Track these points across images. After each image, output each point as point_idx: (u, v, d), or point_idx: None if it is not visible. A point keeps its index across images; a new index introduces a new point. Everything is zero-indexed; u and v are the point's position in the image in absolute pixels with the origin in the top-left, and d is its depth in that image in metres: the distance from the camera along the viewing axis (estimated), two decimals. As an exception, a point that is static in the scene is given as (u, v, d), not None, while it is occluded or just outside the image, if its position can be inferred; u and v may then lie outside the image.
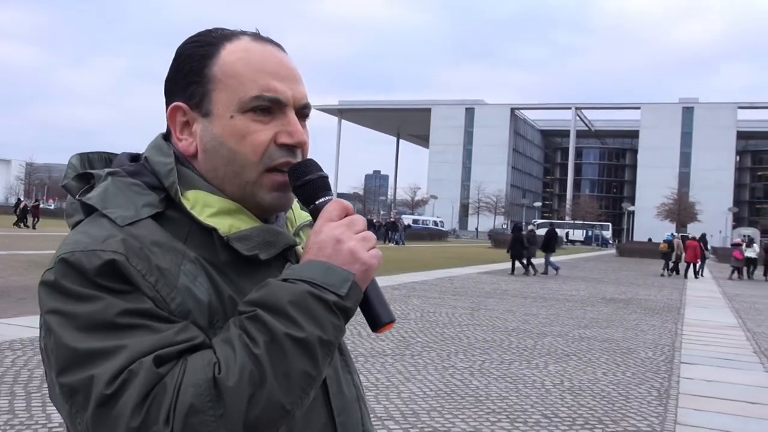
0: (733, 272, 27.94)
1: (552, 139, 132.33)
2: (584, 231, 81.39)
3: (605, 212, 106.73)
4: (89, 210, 0.98)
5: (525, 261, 22.50)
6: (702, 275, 27.80)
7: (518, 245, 22.35)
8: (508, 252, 22.95)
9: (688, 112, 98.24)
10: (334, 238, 0.95)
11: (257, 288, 0.92)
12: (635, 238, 78.62)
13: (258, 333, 0.86)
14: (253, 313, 0.88)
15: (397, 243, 44.25)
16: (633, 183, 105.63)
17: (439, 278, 19.24)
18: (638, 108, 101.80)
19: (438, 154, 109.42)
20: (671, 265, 27.20)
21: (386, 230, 46.47)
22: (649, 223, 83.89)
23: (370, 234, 0.98)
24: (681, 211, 76.77)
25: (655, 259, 42.52)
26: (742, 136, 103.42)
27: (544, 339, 9.61)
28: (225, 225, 0.99)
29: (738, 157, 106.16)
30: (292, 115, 1.04)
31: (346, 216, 0.98)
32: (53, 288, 0.89)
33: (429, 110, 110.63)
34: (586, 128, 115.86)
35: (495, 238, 53.11)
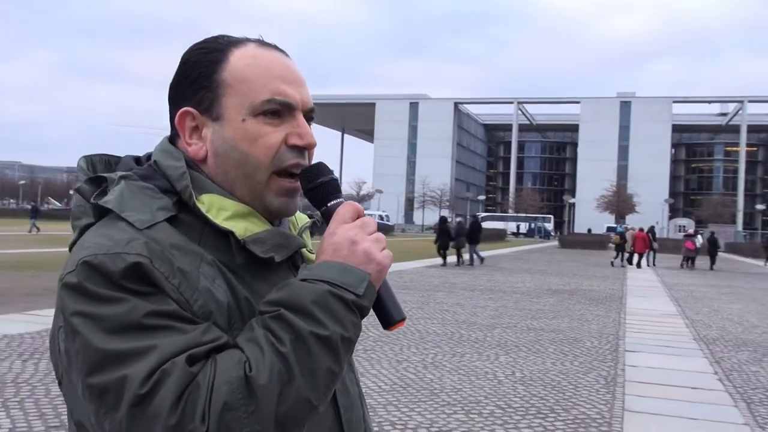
0: (686, 261, 29.26)
1: (495, 133, 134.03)
2: (527, 223, 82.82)
3: (547, 205, 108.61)
4: (101, 213, 0.98)
5: (456, 253, 23.07)
6: (654, 264, 29.35)
7: (445, 237, 22.92)
8: (435, 243, 23.43)
9: (625, 106, 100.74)
10: (350, 239, 0.97)
11: (277, 288, 0.94)
12: (576, 230, 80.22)
13: (283, 332, 0.88)
14: (276, 313, 0.90)
15: None
16: (573, 176, 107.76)
17: (389, 273, 19.31)
18: (578, 102, 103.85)
19: (383, 148, 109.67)
20: (626, 255, 28.37)
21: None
22: (589, 215, 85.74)
23: (381, 235, 1.01)
24: (620, 202, 78.61)
25: (595, 250, 43.66)
26: (677, 129, 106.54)
27: (493, 331, 9.77)
28: (240, 228, 1.00)
29: (673, 150, 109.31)
30: (301, 118, 1.06)
31: (358, 218, 1.01)
32: (77, 290, 0.89)
33: (373, 105, 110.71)
34: (528, 122, 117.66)
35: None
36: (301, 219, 1.18)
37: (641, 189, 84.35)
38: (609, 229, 69.42)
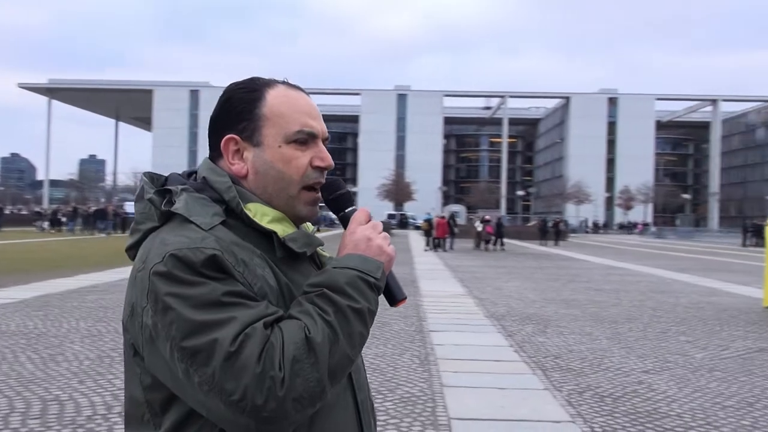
0: (487, 243, 32.86)
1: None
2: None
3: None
4: (167, 218, 1.25)
5: None
6: (452, 248, 32.01)
7: None
8: None
9: (402, 98, 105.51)
10: (366, 237, 1.28)
11: (316, 274, 1.24)
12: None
13: (327, 306, 1.17)
14: (321, 292, 1.19)
15: (103, 231, 40.98)
16: (355, 165, 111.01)
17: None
18: (358, 94, 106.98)
19: (162, 137, 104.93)
20: (437, 241, 31.59)
21: (93, 219, 42.66)
22: (371, 203, 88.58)
23: (386, 234, 1.31)
24: (398, 191, 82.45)
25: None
26: (448, 121, 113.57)
27: (303, 320, 9.91)
28: (279, 229, 1.28)
29: (445, 141, 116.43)
30: (322, 145, 1.35)
31: (369, 220, 1.32)
32: (167, 277, 1.13)
33: (151, 92, 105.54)
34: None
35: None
36: (308, 225, 1.44)
37: (418, 177, 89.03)
38: (390, 216, 72.54)
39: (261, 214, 1.28)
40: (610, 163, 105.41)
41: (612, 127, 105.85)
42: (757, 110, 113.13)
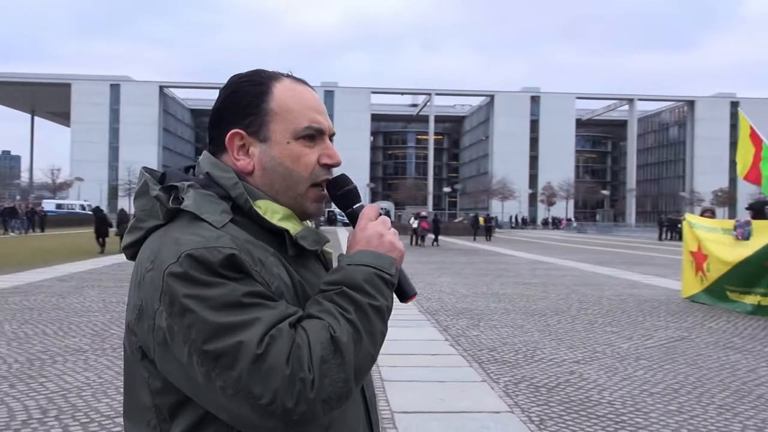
0: (422, 239, 33.43)
1: (203, 119, 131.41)
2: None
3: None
4: (172, 215, 1.19)
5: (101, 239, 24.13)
6: None
7: (103, 225, 24.29)
8: (95, 232, 24.53)
9: (329, 95, 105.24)
10: (378, 233, 1.26)
11: (332, 272, 1.21)
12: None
13: (348, 304, 1.15)
14: (340, 290, 1.16)
15: (16, 230, 39.14)
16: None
17: (108, 265, 18.26)
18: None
19: (81, 133, 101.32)
20: None
21: (2, 217, 39.84)
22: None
23: (395, 230, 1.30)
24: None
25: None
26: (375, 118, 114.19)
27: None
28: (291, 227, 1.25)
29: (372, 138, 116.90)
30: (329, 141, 1.32)
31: (378, 216, 1.30)
32: (184, 278, 1.08)
33: (69, 86, 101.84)
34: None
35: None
36: (307, 221, 1.40)
37: (346, 174, 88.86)
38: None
39: (271, 212, 1.24)
40: (533, 160, 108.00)
41: (535, 124, 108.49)
42: (670, 110, 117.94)
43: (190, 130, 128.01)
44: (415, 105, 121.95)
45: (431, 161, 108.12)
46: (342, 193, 1.33)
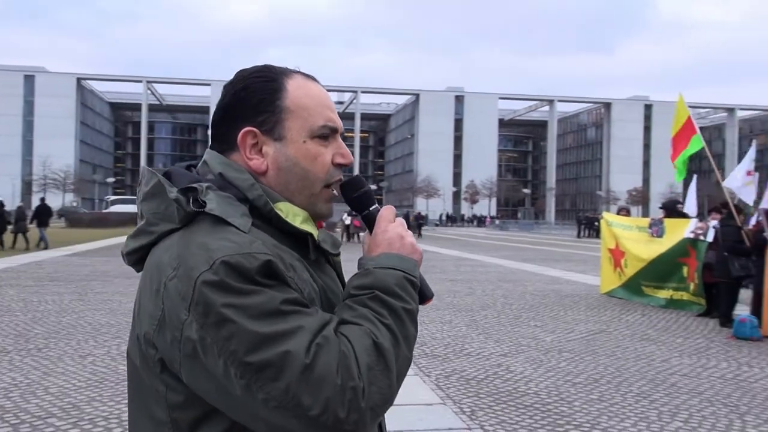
0: (353, 236, 33.67)
1: (122, 113, 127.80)
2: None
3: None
4: (189, 218, 1.13)
5: (14, 237, 23.44)
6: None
7: (1, 221, 23.53)
8: None
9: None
10: (399, 234, 1.24)
11: (360, 276, 1.18)
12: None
13: (382, 309, 1.12)
14: (373, 294, 1.14)
15: None
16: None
17: (25, 264, 17.63)
18: (209, 84, 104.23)
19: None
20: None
21: None
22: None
23: (410, 231, 1.29)
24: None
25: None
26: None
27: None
28: (313, 230, 1.22)
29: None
30: (341, 140, 1.28)
31: (396, 218, 1.28)
32: (220, 287, 1.03)
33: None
34: (158, 102, 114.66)
35: (69, 217, 49.80)
36: None
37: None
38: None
39: (293, 215, 1.20)
40: (457, 158, 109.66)
41: (459, 123, 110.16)
42: (588, 111, 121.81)
43: (110, 124, 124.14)
44: (341, 102, 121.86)
45: (357, 158, 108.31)
46: (359, 195, 1.30)
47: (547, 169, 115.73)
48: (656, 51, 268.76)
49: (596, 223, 48.28)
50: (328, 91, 1.30)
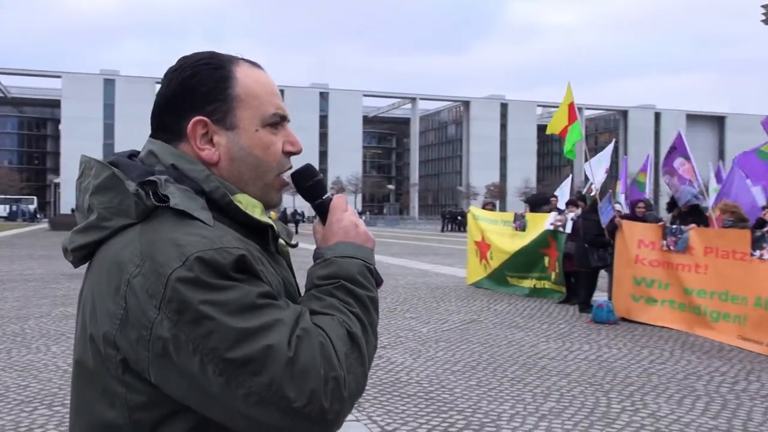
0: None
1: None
2: (7, 205, 75.39)
3: (28, 185, 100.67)
4: (148, 213, 1.09)
5: None
6: None
7: None
8: None
9: (109, 83, 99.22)
10: (354, 223, 1.25)
11: (322, 266, 1.18)
12: (62, 211, 76.40)
13: (349, 298, 1.14)
14: (338, 284, 1.15)
15: None
16: (57, 155, 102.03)
17: None
18: (59, 77, 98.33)
19: None
20: None
21: None
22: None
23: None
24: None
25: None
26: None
27: (27, 322, 9.14)
28: (271, 222, 1.20)
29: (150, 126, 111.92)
30: (289, 128, 1.27)
31: (348, 207, 1.28)
32: (196, 283, 1.00)
33: None
34: (2, 95, 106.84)
35: None
36: None
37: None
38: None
39: (252, 206, 1.18)
40: (323, 155, 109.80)
41: (324, 120, 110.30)
42: (448, 109, 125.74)
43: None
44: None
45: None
46: (312, 184, 1.30)
47: (410, 165, 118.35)
48: (509, 52, 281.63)
49: (459, 218, 50.07)
50: None
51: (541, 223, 12.17)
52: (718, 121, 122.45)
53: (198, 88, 1.17)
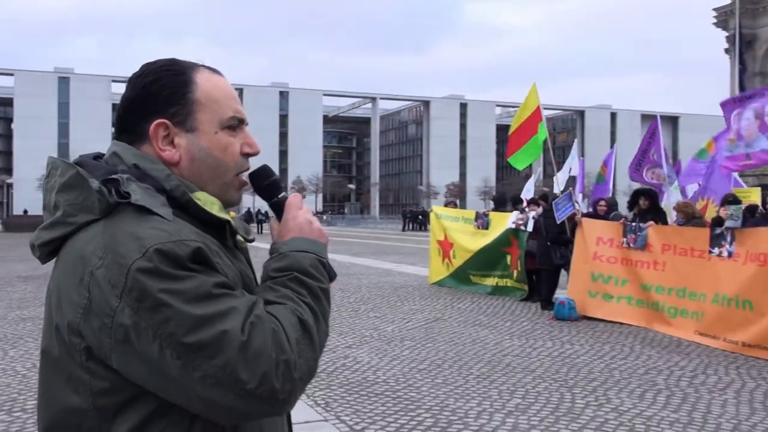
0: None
1: None
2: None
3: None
4: (110, 209, 1.15)
5: None
6: None
7: None
8: None
9: (64, 82, 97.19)
10: (308, 220, 1.33)
11: (278, 259, 1.26)
12: (15, 212, 74.59)
13: (301, 288, 1.22)
14: (291, 276, 1.23)
15: None
16: (10, 154, 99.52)
17: None
18: (11, 74, 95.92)
19: None
20: None
21: None
22: (32, 195, 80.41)
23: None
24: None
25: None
26: (116, 108, 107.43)
27: (-17, 326, 8.92)
28: (228, 218, 1.28)
29: (114, 129, 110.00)
30: (248, 130, 1.35)
31: (303, 205, 1.37)
32: (155, 273, 1.08)
33: None
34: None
35: None
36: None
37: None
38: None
39: (210, 203, 1.25)
40: (283, 154, 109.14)
41: (284, 119, 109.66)
42: (409, 109, 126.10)
43: None
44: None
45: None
46: (268, 183, 1.38)
47: (371, 164, 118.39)
48: (467, 53, 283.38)
49: (421, 217, 50.27)
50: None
51: (504, 221, 12.29)
52: (671, 121, 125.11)
53: (160, 92, 1.25)
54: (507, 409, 5.40)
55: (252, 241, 1.39)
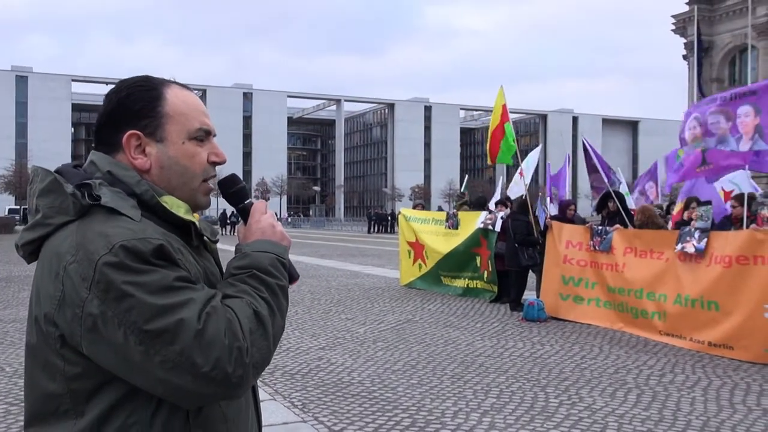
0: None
1: None
2: None
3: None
4: (84, 211, 1.28)
5: None
6: None
7: None
8: None
9: (22, 81, 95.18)
10: (271, 224, 1.46)
11: (239, 258, 1.39)
12: (-29, 214, 72.75)
13: (260, 285, 1.34)
14: (251, 273, 1.36)
15: None
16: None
17: None
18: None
19: None
20: None
21: None
22: (-12, 197, 78.76)
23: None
24: (22, 183, 74.43)
25: (5, 234, 40.75)
26: (77, 108, 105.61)
27: (-55, 330, 8.71)
28: (193, 220, 1.40)
29: (73, 129, 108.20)
30: (215, 141, 1.48)
31: (267, 211, 1.50)
32: (120, 267, 1.20)
33: None
34: None
35: None
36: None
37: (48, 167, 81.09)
38: (11, 211, 65.31)
39: (177, 206, 1.38)
40: (247, 156, 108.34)
41: (247, 121, 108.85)
42: (373, 111, 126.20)
43: None
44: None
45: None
46: (235, 190, 1.52)
47: (336, 166, 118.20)
48: (429, 56, 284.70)
49: (389, 219, 50.36)
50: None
51: (473, 221, 12.40)
52: (631, 126, 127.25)
53: (132, 106, 1.38)
54: (483, 409, 5.47)
55: (216, 241, 1.50)
